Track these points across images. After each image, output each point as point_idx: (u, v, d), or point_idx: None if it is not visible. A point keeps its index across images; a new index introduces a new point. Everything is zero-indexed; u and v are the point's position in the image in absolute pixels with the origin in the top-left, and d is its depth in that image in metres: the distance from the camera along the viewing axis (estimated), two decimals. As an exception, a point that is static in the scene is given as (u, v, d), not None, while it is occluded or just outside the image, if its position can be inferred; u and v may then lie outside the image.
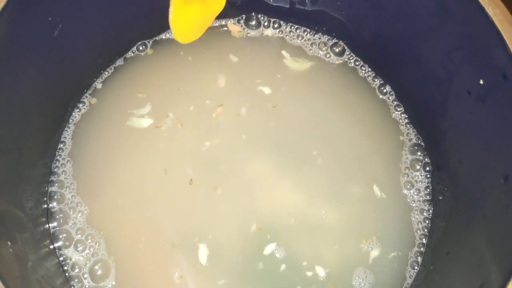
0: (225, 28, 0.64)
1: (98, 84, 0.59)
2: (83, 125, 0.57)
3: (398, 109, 0.60)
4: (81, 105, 0.58)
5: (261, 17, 0.64)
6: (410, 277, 0.53)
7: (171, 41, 0.61)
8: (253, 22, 0.64)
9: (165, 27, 0.60)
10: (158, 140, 0.57)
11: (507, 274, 0.38)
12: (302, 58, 0.62)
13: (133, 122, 0.58)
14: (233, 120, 0.58)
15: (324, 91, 0.61)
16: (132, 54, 0.61)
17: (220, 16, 0.63)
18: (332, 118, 0.59)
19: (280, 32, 0.64)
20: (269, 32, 0.64)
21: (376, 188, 0.56)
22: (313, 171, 0.56)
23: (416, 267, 0.54)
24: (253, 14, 0.64)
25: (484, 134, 0.46)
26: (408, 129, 0.59)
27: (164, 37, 0.62)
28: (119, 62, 0.61)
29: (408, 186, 0.57)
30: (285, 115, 0.59)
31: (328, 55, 0.63)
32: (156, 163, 0.56)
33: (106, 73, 0.60)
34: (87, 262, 0.51)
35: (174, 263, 0.52)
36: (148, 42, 0.62)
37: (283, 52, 0.62)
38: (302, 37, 0.64)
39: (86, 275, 0.50)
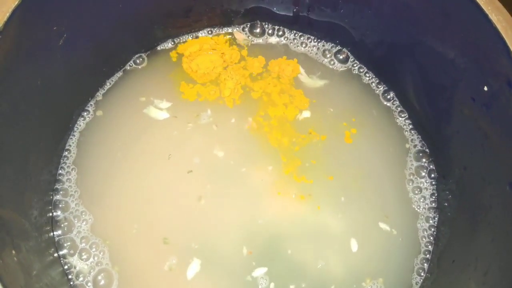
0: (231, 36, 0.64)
1: (101, 93, 0.60)
2: (87, 133, 0.57)
3: (402, 115, 0.60)
4: (85, 113, 0.58)
5: (265, 24, 0.64)
6: (416, 284, 0.53)
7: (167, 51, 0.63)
8: (258, 30, 0.64)
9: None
10: (167, 147, 0.56)
11: (513, 281, 0.38)
12: (317, 74, 0.62)
13: (149, 111, 0.58)
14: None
15: (337, 105, 0.61)
16: (132, 65, 0.62)
17: (225, 24, 0.64)
18: (342, 133, 0.59)
19: (285, 39, 0.64)
20: (273, 39, 0.64)
21: (383, 225, 0.55)
22: (320, 188, 0.56)
23: (422, 274, 0.53)
24: (257, 22, 0.64)
25: (489, 141, 0.46)
26: (413, 135, 0.59)
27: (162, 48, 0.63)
28: (120, 73, 0.61)
29: (416, 192, 0.56)
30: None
31: (332, 62, 0.63)
32: (164, 174, 0.55)
33: (109, 83, 0.60)
34: (91, 270, 0.51)
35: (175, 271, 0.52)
36: (145, 54, 0.62)
37: (299, 68, 0.63)
38: (306, 44, 0.64)
39: (89, 284, 0.50)
